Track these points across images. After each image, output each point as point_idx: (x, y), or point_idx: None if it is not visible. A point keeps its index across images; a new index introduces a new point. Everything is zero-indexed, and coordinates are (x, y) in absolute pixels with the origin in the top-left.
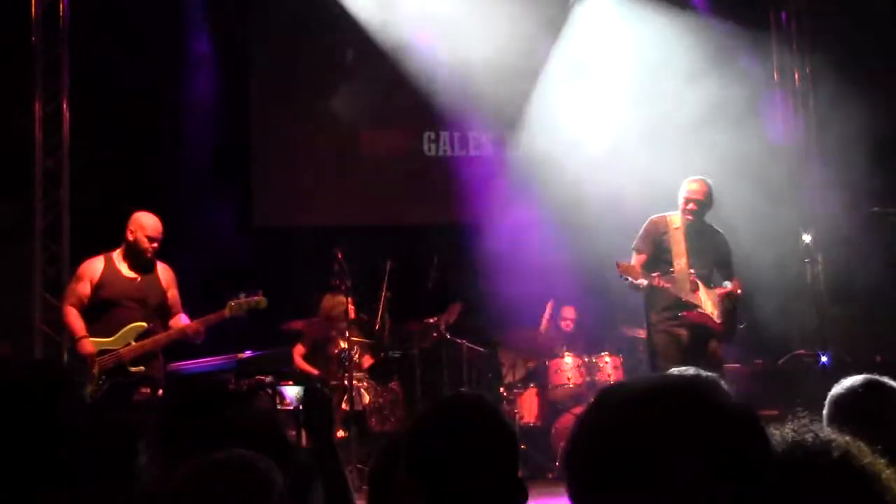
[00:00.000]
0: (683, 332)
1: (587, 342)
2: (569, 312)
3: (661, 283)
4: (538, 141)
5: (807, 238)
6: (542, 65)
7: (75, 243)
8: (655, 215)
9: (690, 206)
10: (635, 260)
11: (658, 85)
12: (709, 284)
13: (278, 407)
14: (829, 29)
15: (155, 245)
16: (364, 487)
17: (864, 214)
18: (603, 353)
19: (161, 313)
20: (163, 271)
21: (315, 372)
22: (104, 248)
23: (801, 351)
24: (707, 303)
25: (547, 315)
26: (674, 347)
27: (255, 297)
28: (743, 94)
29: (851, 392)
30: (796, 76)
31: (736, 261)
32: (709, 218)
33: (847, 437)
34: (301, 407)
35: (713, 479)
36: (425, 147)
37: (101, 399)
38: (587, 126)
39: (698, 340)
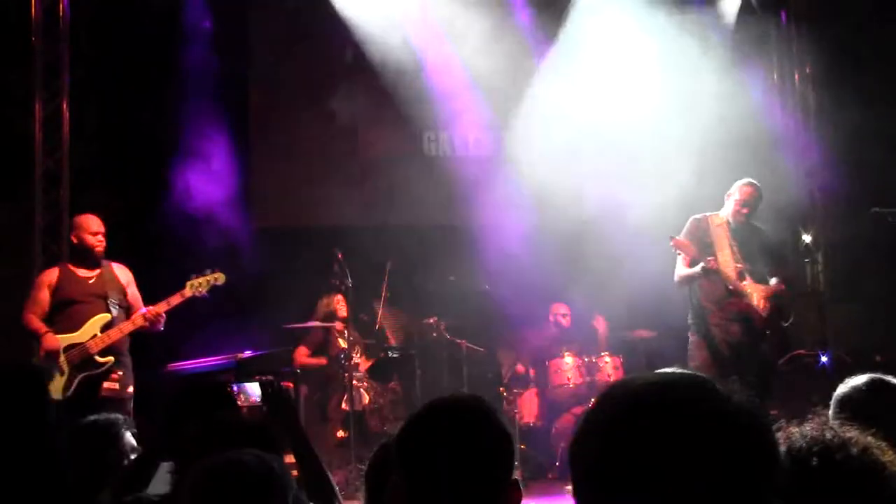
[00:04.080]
0: (735, 328)
1: (586, 342)
2: (562, 308)
3: (714, 264)
4: (538, 141)
5: (807, 238)
6: (543, 64)
7: None
8: (697, 215)
9: (745, 210)
10: (680, 259)
11: (658, 86)
12: (755, 278)
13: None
14: (828, 30)
15: (100, 238)
16: (364, 487)
17: (864, 214)
18: (603, 354)
19: (126, 310)
20: (119, 270)
21: (323, 361)
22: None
23: (801, 351)
24: (753, 294)
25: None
26: (707, 351)
27: (214, 274)
28: (743, 95)
29: (856, 391)
30: (796, 76)
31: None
32: None
33: (868, 436)
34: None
35: (718, 477)
36: (425, 147)
37: (72, 395)
38: (587, 126)
39: (749, 337)
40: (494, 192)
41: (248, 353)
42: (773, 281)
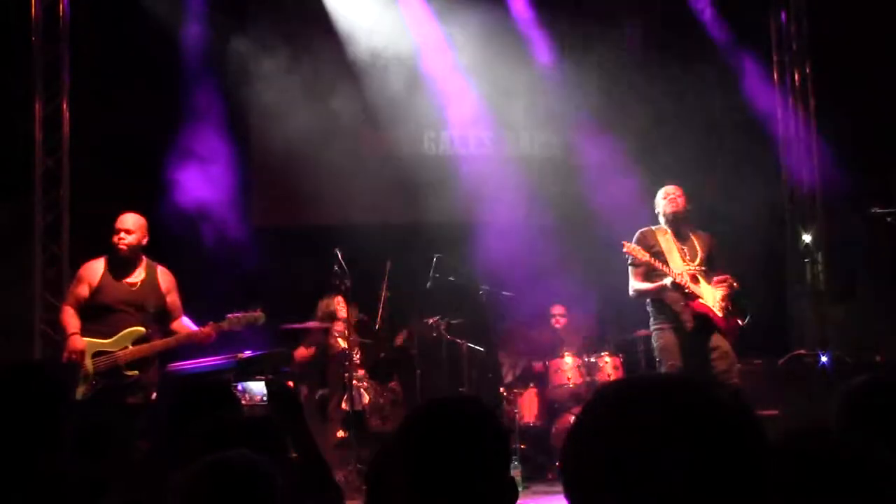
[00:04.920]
0: (688, 326)
1: (585, 342)
2: (558, 310)
3: (681, 280)
4: (538, 140)
5: (807, 238)
6: (543, 61)
7: (75, 243)
8: (643, 228)
9: (674, 200)
10: (633, 274)
11: (658, 85)
12: (707, 280)
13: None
14: (829, 29)
15: (122, 236)
16: (363, 488)
17: (864, 214)
18: (603, 353)
19: (160, 318)
20: (162, 276)
21: (312, 350)
22: (104, 248)
23: (801, 351)
24: (708, 297)
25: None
26: (677, 343)
27: (255, 314)
28: (743, 95)
29: (857, 391)
30: (796, 76)
31: (733, 261)
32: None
33: (862, 437)
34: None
35: (707, 476)
36: (425, 146)
37: (89, 400)
38: (587, 125)
39: (701, 333)
40: (495, 190)
41: (247, 353)
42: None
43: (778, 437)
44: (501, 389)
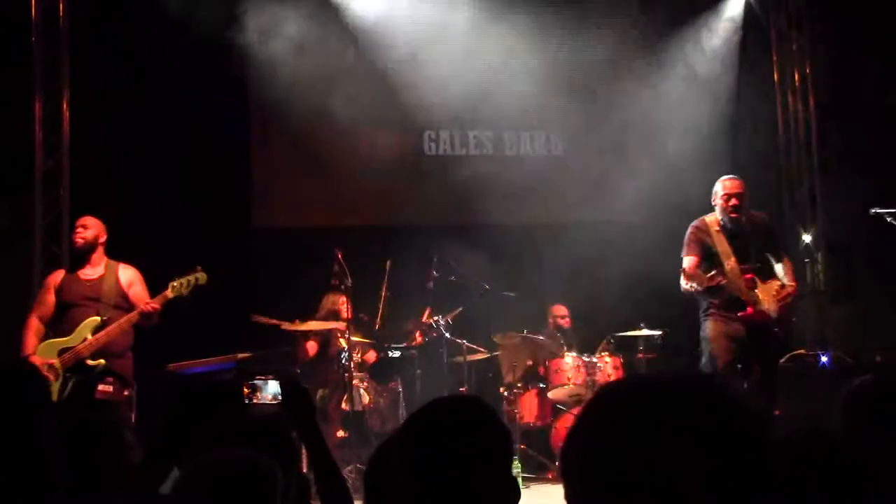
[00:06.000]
0: (739, 326)
1: (584, 342)
2: (561, 310)
3: (722, 280)
4: (539, 141)
5: (807, 238)
6: (546, 65)
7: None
8: (696, 220)
9: (733, 201)
10: (689, 263)
11: (659, 86)
12: (764, 277)
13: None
14: (829, 29)
15: (79, 231)
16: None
17: (864, 214)
18: (603, 353)
19: (125, 311)
20: (123, 271)
21: (331, 325)
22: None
23: (801, 351)
24: (764, 299)
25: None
26: (726, 336)
27: (195, 274)
28: (743, 96)
29: (860, 391)
30: (796, 76)
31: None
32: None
33: (863, 438)
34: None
35: (709, 476)
36: (425, 147)
37: (66, 398)
38: (587, 125)
39: (756, 340)
40: (494, 190)
41: (248, 353)
42: (780, 270)
43: (778, 437)
44: (501, 389)
